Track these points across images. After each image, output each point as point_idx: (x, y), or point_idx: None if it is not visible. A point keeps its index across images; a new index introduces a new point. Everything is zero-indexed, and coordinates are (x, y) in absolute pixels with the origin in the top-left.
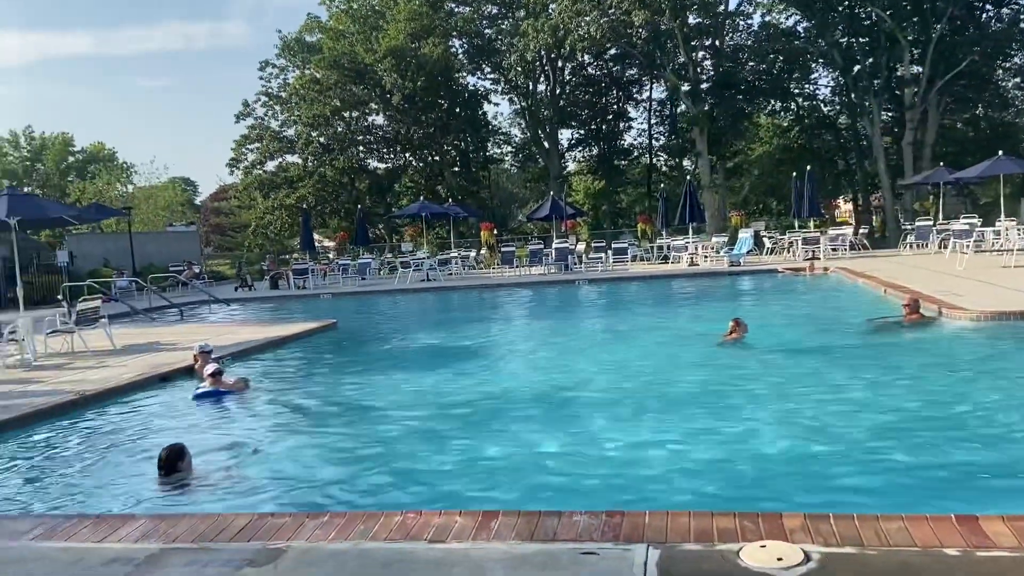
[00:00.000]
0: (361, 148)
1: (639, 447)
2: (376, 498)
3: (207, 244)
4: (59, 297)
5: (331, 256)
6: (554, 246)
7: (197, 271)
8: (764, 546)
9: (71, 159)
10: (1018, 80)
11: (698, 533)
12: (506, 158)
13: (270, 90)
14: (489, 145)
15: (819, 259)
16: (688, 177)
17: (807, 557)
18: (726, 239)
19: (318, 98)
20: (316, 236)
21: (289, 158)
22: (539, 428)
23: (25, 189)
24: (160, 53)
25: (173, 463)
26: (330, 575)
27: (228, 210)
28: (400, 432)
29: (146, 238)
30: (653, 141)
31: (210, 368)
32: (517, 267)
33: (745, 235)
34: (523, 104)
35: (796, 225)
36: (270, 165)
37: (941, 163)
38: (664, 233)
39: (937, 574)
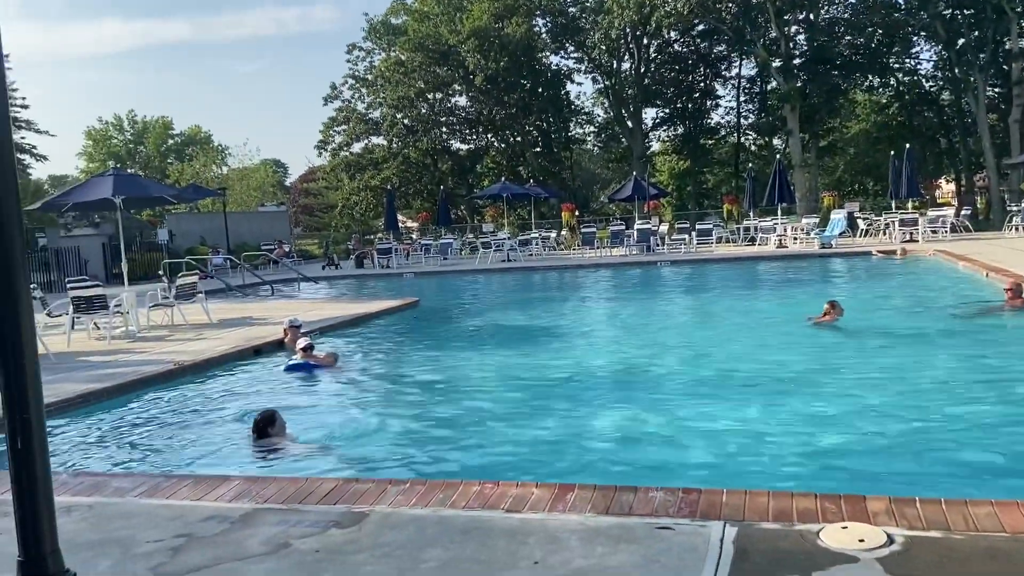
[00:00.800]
0: (444, 129)
1: (719, 427)
2: (454, 468)
3: (296, 224)
4: (160, 273)
5: (414, 236)
6: (636, 227)
7: (287, 250)
8: (846, 527)
9: (170, 142)
10: None
11: (777, 513)
12: (588, 138)
13: (357, 73)
14: (571, 125)
15: (917, 241)
16: (778, 156)
17: (890, 539)
18: (817, 220)
19: (403, 80)
20: (399, 217)
21: (374, 140)
22: (617, 407)
23: (128, 171)
24: (253, 38)
25: (264, 428)
26: (411, 538)
27: (316, 191)
28: (478, 406)
29: (239, 218)
30: (741, 119)
31: (302, 342)
32: (598, 248)
33: (838, 216)
34: (606, 83)
35: (893, 206)
36: (356, 147)
37: None
38: (751, 214)
39: None
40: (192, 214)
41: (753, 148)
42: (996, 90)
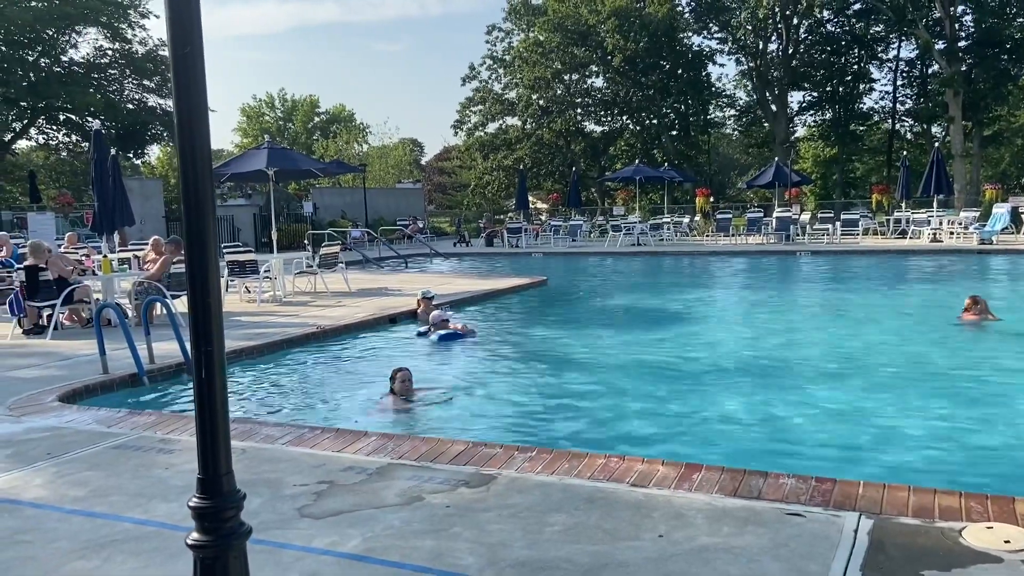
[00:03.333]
0: (579, 111)
1: (853, 421)
2: (579, 440)
3: (430, 202)
4: (305, 243)
5: (543, 217)
6: (775, 215)
7: (421, 226)
8: (991, 527)
9: (316, 119)
10: None
11: (917, 508)
12: (728, 122)
13: (495, 53)
14: (710, 108)
15: None
16: (936, 145)
17: None
18: (977, 215)
19: (540, 60)
20: (530, 197)
21: (509, 120)
22: (744, 393)
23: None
24: (397, 19)
25: (394, 379)
26: (537, 502)
27: (450, 170)
28: (604, 383)
29: (377, 193)
30: (897, 105)
31: (439, 315)
32: (733, 235)
33: (1001, 210)
34: (751, 65)
35: None
36: (491, 127)
37: None
38: (903, 205)
39: None
40: (334, 188)
41: (909, 136)
42: None
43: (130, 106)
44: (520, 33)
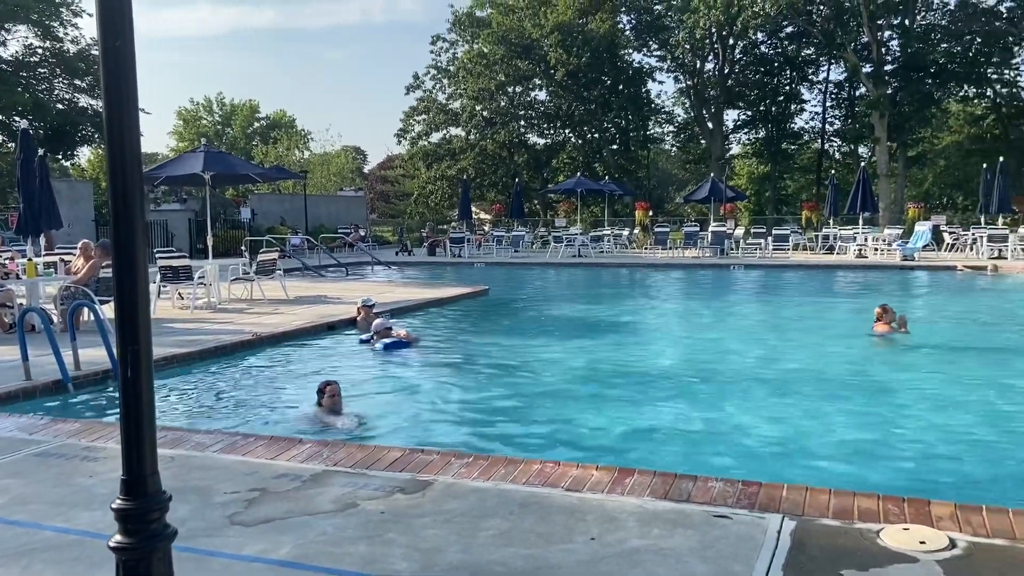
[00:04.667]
0: (522, 123)
1: (779, 426)
2: (516, 447)
3: (372, 210)
4: (242, 249)
5: (486, 228)
6: (711, 229)
7: (362, 234)
8: (907, 529)
9: (256, 125)
10: None
11: (837, 510)
12: (666, 138)
13: (439, 64)
14: (650, 124)
15: (1006, 259)
16: (863, 164)
17: (952, 544)
18: (900, 232)
19: (484, 72)
20: (473, 208)
21: (453, 130)
22: (676, 400)
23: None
24: (340, 26)
25: (323, 392)
26: (472, 507)
27: (393, 179)
28: (542, 391)
29: (318, 201)
30: (827, 125)
31: (386, 321)
32: (670, 248)
33: (923, 228)
34: (688, 83)
35: (983, 221)
36: (435, 137)
37: None
38: (831, 222)
39: None
40: (274, 195)
41: (837, 155)
42: None
43: (60, 106)
44: (464, 44)
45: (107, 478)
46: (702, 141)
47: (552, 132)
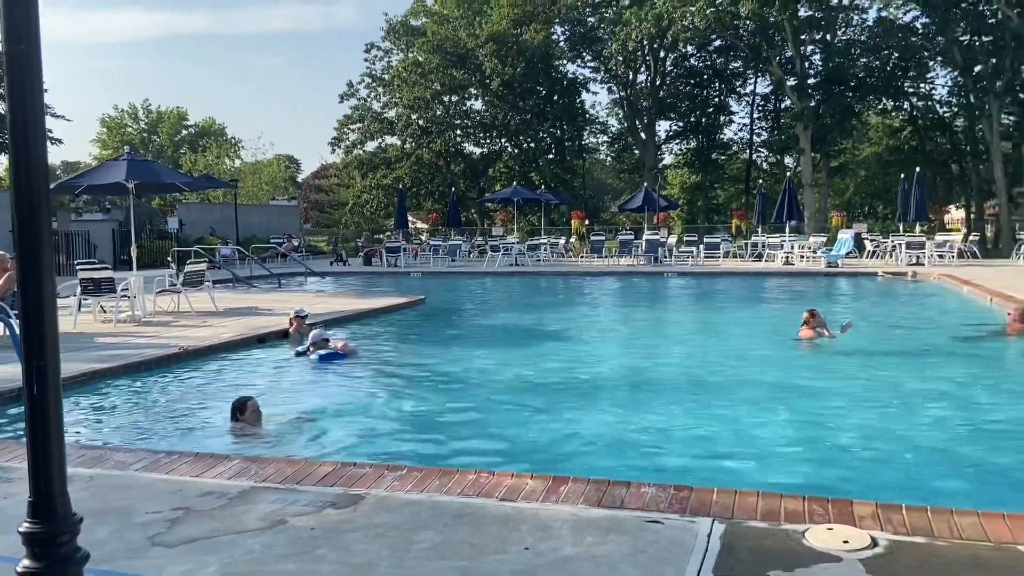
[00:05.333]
0: (458, 132)
1: (712, 431)
2: (452, 458)
3: (306, 220)
4: (168, 260)
5: (423, 237)
6: (645, 238)
7: (296, 244)
8: (831, 529)
9: (184, 133)
10: None
11: (765, 512)
12: (601, 148)
13: (374, 72)
14: (585, 134)
15: (923, 265)
16: (788, 175)
17: (874, 542)
18: (825, 240)
19: (419, 81)
20: (410, 217)
21: (388, 139)
22: (612, 408)
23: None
24: (274, 33)
25: (235, 413)
26: (405, 520)
27: (327, 188)
28: (478, 401)
29: (250, 210)
30: (754, 136)
31: (323, 332)
32: (606, 257)
33: (845, 236)
34: (622, 94)
35: (901, 229)
36: (370, 145)
37: None
38: (760, 230)
39: (1008, 569)
40: (203, 204)
41: (764, 165)
42: (1011, 118)
43: None
44: (399, 53)
45: (22, 499)
46: (636, 151)
47: (488, 141)
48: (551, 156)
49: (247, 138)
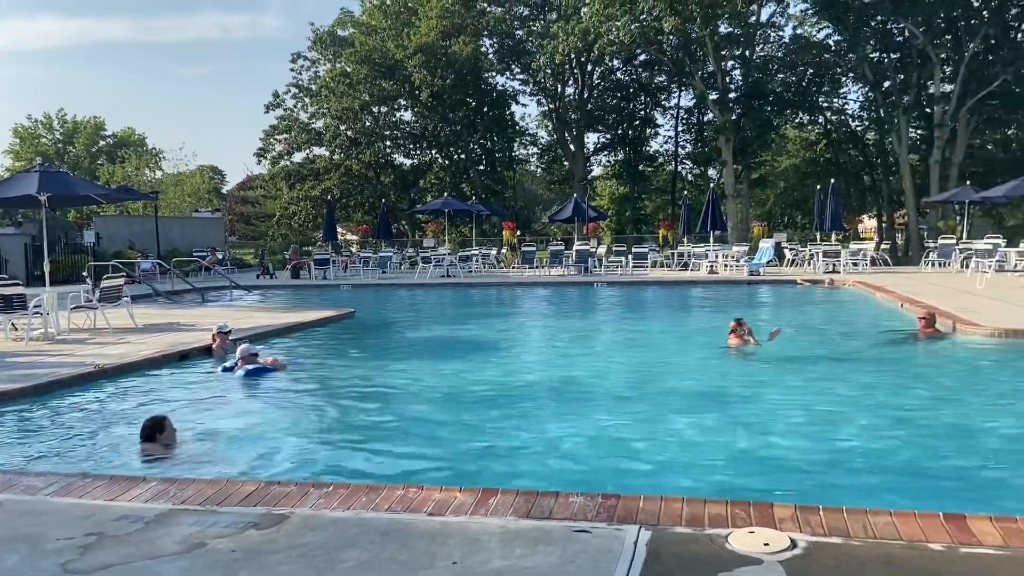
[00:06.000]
0: (388, 143)
1: (641, 438)
2: (381, 473)
3: (231, 232)
4: (84, 275)
5: (353, 249)
6: (575, 248)
7: (220, 257)
8: (752, 532)
9: (101, 143)
10: None
11: (690, 518)
12: (531, 159)
13: (301, 82)
14: (515, 146)
15: (839, 272)
16: (712, 186)
17: (793, 544)
18: (747, 249)
19: (348, 92)
20: (339, 229)
21: (316, 150)
22: (545, 418)
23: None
24: (197, 42)
25: (153, 433)
26: (330, 539)
27: (254, 199)
28: (409, 414)
29: (172, 223)
30: (679, 148)
31: (251, 347)
32: (537, 267)
33: (766, 245)
34: (551, 106)
35: (818, 238)
36: (297, 156)
37: (968, 182)
38: (685, 240)
39: (919, 567)
40: (121, 217)
41: (689, 177)
42: (918, 131)
43: None
44: (326, 63)
45: None
46: (565, 163)
47: (419, 152)
48: (482, 167)
49: (169, 149)
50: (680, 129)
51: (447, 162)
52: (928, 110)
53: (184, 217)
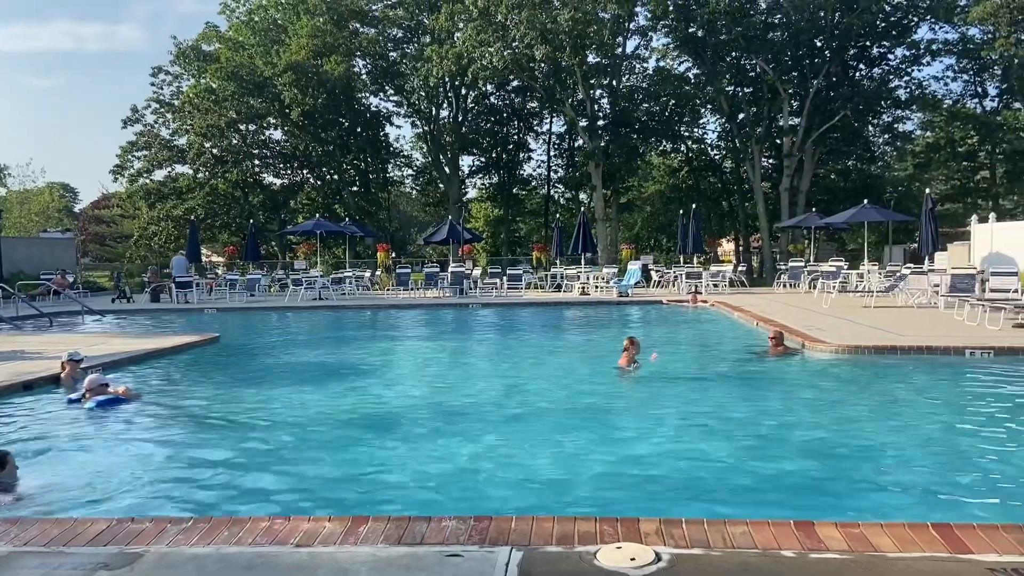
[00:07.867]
0: (256, 162)
1: (517, 459)
2: (247, 506)
3: (84, 254)
4: None
5: (219, 271)
6: (450, 270)
7: (71, 280)
8: (620, 547)
9: None
10: (886, 136)
11: (560, 536)
12: (406, 181)
13: (162, 97)
14: (389, 167)
15: (700, 293)
16: (583, 209)
17: (658, 557)
18: (616, 271)
19: (213, 108)
20: (204, 250)
21: (179, 168)
22: (418, 442)
23: None
24: (48, 52)
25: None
26: None
27: (110, 219)
28: (275, 444)
29: (16, 243)
30: (551, 173)
31: (100, 377)
32: (412, 289)
33: (634, 267)
34: (425, 128)
35: (682, 261)
36: (158, 174)
37: (814, 209)
38: (558, 262)
39: (772, 573)
40: None
41: (562, 200)
42: (770, 161)
43: None
44: (190, 78)
45: None
46: (440, 185)
47: (289, 172)
48: (355, 188)
49: (15, 164)
50: (552, 154)
51: (319, 182)
52: (778, 141)
53: (30, 238)
